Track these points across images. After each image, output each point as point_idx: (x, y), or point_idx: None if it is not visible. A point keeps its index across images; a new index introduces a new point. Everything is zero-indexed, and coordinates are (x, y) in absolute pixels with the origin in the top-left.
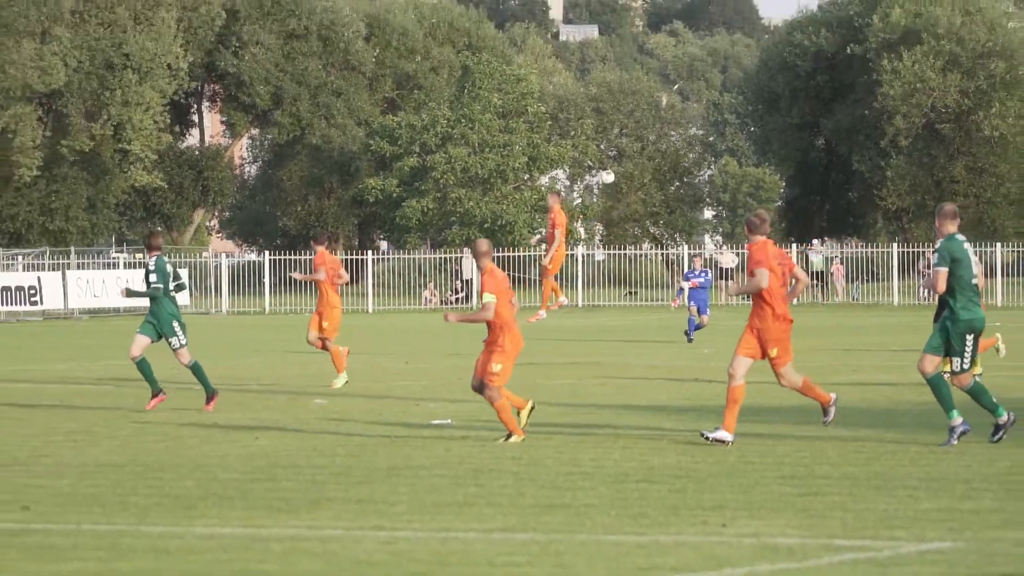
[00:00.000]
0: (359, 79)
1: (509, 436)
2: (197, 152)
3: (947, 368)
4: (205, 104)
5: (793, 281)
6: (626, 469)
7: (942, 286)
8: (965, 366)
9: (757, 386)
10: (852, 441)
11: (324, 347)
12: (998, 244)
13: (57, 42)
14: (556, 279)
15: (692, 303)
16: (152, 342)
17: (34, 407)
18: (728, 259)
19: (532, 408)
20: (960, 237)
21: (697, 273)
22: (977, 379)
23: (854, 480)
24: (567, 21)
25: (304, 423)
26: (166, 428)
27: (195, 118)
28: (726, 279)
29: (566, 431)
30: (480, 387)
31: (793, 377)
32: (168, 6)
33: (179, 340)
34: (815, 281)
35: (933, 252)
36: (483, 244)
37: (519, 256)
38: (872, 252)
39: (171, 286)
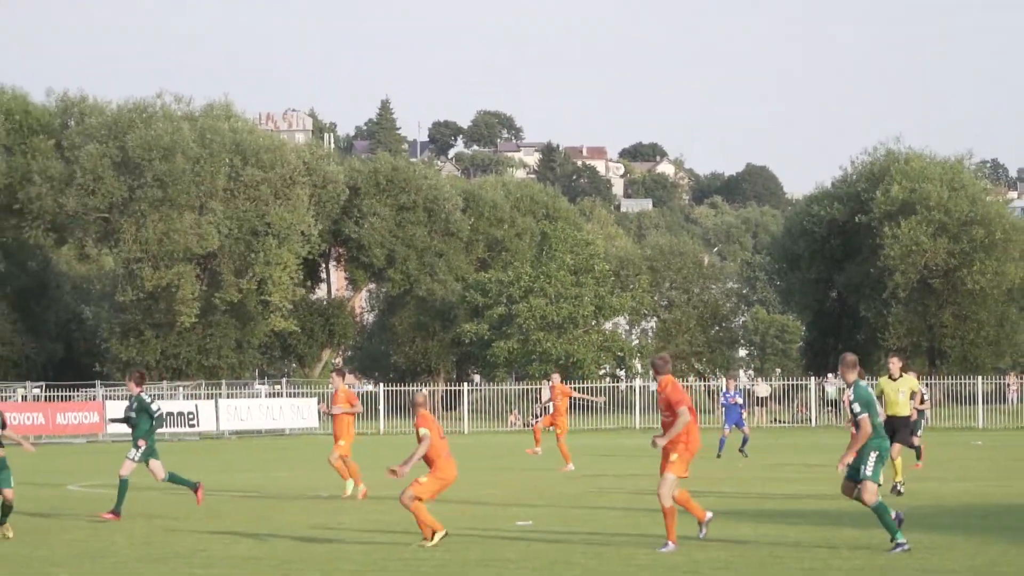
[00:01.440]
0: (457, 243)
1: (433, 535)
2: (325, 302)
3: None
4: (332, 263)
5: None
6: (676, 562)
7: (868, 428)
8: (867, 473)
9: (785, 498)
10: (861, 539)
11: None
12: (979, 377)
13: (212, 214)
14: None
15: (727, 424)
16: (155, 458)
17: (192, 512)
18: (763, 389)
19: (445, 535)
20: (863, 382)
21: (732, 394)
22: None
23: (861, 571)
24: (627, 196)
25: (411, 524)
26: (296, 529)
27: (323, 275)
28: (762, 406)
29: (626, 531)
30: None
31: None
32: (302, 184)
33: (136, 454)
34: (830, 408)
35: (851, 403)
36: (420, 397)
37: (588, 387)
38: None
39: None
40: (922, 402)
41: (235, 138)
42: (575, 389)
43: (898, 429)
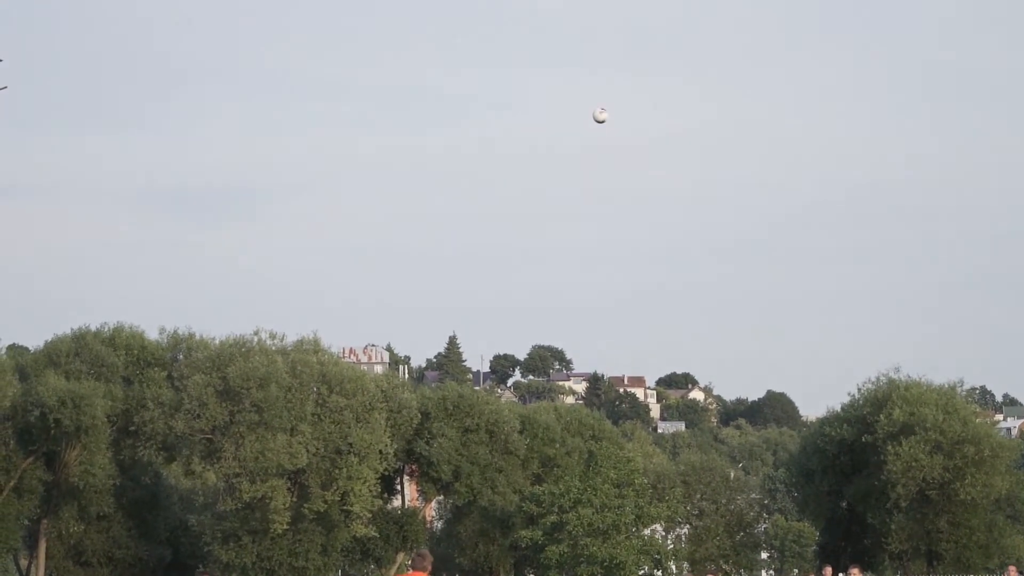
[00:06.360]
0: (515, 460)
1: None
2: (399, 511)
3: None
4: (405, 477)
5: None
6: None
7: None
8: None
9: None
10: None
11: None
12: None
13: (302, 435)
14: None
15: None
16: None
17: None
18: None
19: None
20: None
21: None
22: None
23: None
24: (663, 419)
25: None
26: None
27: (398, 487)
28: None
29: None
30: None
31: None
32: (380, 409)
33: None
34: None
35: None
36: None
37: None
38: None
39: None
40: None
41: (322, 370)
42: None
43: None
